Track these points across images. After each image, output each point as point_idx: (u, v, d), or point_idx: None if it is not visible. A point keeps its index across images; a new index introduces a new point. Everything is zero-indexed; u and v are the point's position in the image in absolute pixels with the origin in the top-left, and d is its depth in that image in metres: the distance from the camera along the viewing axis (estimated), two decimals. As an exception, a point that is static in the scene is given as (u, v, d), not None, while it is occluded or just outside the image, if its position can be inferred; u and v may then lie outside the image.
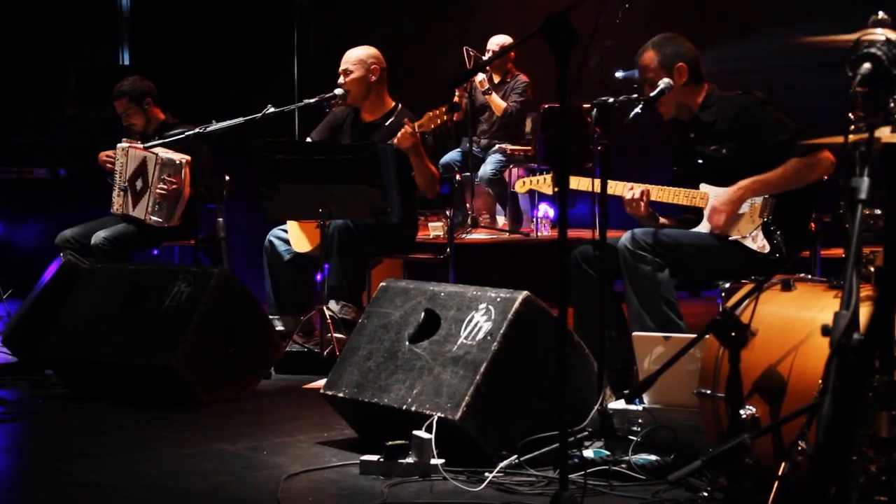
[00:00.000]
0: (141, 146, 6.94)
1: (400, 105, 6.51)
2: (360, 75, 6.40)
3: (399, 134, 5.99)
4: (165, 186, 6.74)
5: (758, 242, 4.73)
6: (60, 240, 6.97)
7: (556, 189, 5.29)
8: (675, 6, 9.50)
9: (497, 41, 9.40)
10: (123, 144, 7.00)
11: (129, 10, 11.20)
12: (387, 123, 6.42)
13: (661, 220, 5.04)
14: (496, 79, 9.69)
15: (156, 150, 6.83)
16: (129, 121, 7.24)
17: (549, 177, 5.43)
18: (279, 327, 6.17)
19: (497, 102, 9.47)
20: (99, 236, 6.78)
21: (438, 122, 5.98)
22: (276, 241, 6.39)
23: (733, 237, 4.79)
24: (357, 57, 6.43)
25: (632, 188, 4.94)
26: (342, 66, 6.43)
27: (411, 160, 6.06)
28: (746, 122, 4.86)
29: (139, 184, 6.88)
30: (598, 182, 4.23)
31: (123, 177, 6.94)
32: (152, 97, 7.22)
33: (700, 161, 4.98)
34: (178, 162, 6.76)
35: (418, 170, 6.12)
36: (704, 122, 5.00)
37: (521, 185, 5.69)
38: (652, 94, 4.82)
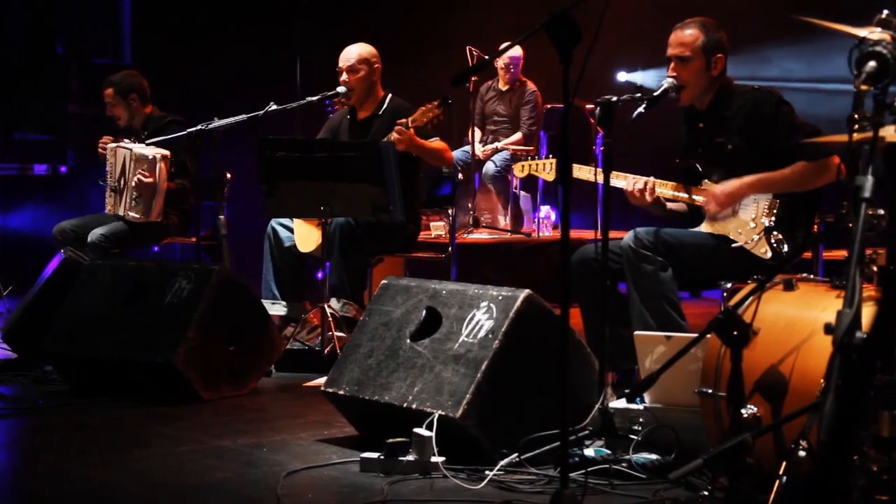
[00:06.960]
0: (125, 144, 6.96)
1: (390, 94, 6.52)
2: (366, 73, 6.41)
3: (392, 138, 6.01)
4: (139, 180, 6.75)
5: (760, 248, 4.69)
6: (58, 230, 6.99)
7: (556, 176, 5.26)
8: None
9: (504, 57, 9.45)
10: (111, 144, 7.01)
11: (132, 6, 11.21)
12: (380, 113, 6.44)
13: (669, 205, 4.99)
14: (504, 87, 9.74)
15: (131, 145, 6.87)
16: (111, 112, 7.28)
17: (548, 162, 5.40)
18: (279, 312, 6.17)
19: (511, 143, 9.58)
20: (96, 233, 6.79)
21: (430, 115, 6.02)
22: (279, 228, 6.39)
23: (736, 244, 4.75)
24: (360, 55, 6.43)
25: (635, 181, 4.89)
26: (345, 64, 6.42)
27: (414, 154, 6.12)
28: (759, 120, 4.79)
29: (122, 182, 6.91)
30: (598, 172, 4.20)
31: (113, 177, 6.97)
32: (139, 94, 7.24)
33: (704, 151, 4.92)
34: (151, 157, 6.77)
35: (424, 158, 6.26)
36: (717, 113, 4.92)
37: (519, 169, 5.63)
38: (655, 94, 4.73)
